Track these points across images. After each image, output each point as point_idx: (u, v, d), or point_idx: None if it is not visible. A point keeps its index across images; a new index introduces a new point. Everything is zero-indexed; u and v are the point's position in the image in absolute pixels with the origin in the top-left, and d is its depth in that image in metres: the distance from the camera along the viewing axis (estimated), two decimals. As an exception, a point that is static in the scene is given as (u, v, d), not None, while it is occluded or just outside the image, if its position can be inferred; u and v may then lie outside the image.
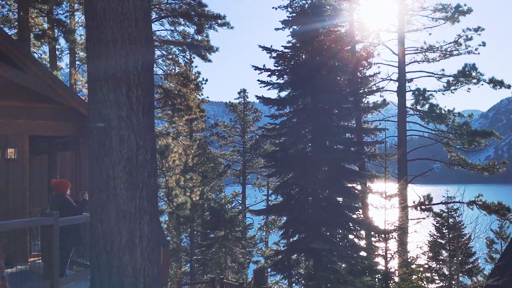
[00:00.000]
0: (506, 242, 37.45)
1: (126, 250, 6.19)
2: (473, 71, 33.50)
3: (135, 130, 6.21)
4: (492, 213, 32.65)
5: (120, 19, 6.14)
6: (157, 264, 6.48)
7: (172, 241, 40.31)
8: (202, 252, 39.86)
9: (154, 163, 6.49)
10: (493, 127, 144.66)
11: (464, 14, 33.77)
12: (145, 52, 6.31)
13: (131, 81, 6.18)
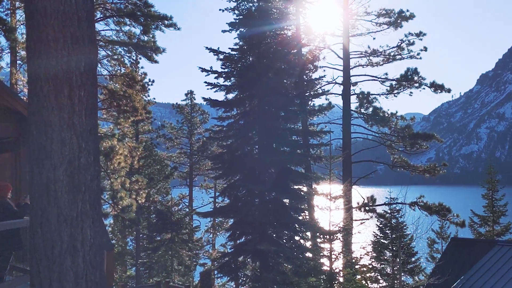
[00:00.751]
0: (447, 242, 38.65)
1: (67, 255, 6.04)
2: (415, 75, 34.42)
3: (77, 132, 6.07)
4: (433, 213, 33.63)
5: (62, 18, 5.99)
6: (100, 269, 6.35)
7: (117, 245, 39.65)
8: (148, 255, 39.39)
9: (97, 166, 6.36)
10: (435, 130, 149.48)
11: (407, 19, 34.67)
12: (88, 52, 6.18)
13: (73, 82, 6.04)
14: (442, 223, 39.99)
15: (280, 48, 30.81)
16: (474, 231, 41.58)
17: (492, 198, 42.10)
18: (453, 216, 33.72)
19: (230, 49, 31.06)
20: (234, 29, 31.66)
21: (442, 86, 34.45)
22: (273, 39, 30.93)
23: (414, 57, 34.72)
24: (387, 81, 35.25)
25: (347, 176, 33.41)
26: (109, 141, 30.43)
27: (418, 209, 33.83)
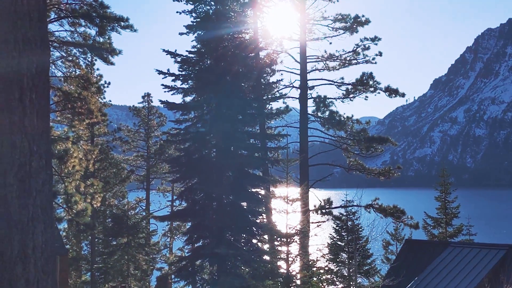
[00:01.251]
0: (401, 243, 39.33)
1: (18, 261, 5.90)
2: (370, 79, 34.99)
3: (29, 135, 5.93)
4: (388, 216, 34.21)
5: (13, 18, 5.85)
6: (52, 275, 6.22)
7: (72, 249, 38.90)
8: (103, 260, 38.77)
9: (49, 170, 6.23)
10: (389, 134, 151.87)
11: (362, 24, 35.21)
12: (40, 54, 6.05)
13: (25, 84, 5.91)
14: (396, 225, 40.67)
15: (238, 51, 30.85)
16: (428, 232, 42.44)
17: (445, 200, 43.07)
18: (407, 218, 34.40)
19: (187, 52, 30.94)
20: (192, 32, 31.52)
21: (397, 90, 35.12)
22: (231, 43, 30.95)
23: (370, 61, 35.29)
24: (343, 85, 35.72)
25: (304, 179, 33.68)
26: (63, 144, 29.81)
27: (374, 211, 34.35)
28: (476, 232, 43.29)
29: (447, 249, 27.85)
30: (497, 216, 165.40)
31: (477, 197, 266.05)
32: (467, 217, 42.37)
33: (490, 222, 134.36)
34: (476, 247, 27.47)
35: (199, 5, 31.59)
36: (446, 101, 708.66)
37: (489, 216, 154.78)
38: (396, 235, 42.39)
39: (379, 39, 35.23)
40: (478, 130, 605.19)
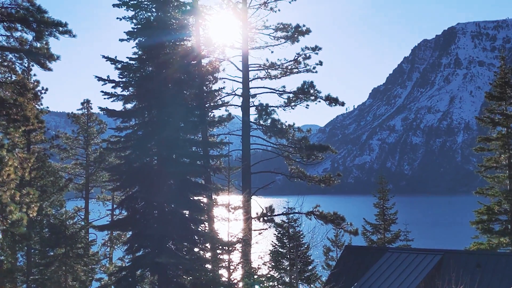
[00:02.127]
0: (341, 249, 40.00)
1: None
2: (311, 88, 35.51)
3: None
4: (329, 222, 34.75)
5: None
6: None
7: (6, 261, 37.50)
8: (40, 271, 37.56)
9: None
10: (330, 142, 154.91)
11: (303, 34, 35.74)
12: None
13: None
14: (337, 231, 41.34)
15: (179, 58, 30.70)
16: (367, 238, 43.36)
17: (383, 207, 44.15)
18: (347, 225, 35.02)
19: (128, 59, 30.52)
20: (132, 38, 31.13)
21: (337, 99, 35.78)
22: (173, 50, 30.77)
23: (310, 70, 35.84)
24: (284, 94, 36.11)
25: (246, 187, 33.78)
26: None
27: (314, 218, 34.80)
28: (413, 237, 44.57)
29: (385, 255, 28.52)
30: (433, 222, 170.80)
31: (414, 204, 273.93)
32: (405, 223, 43.59)
33: (426, 227, 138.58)
34: (413, 253, 28.27)
35: (140, 12, 31.26)
36: (384, 109, 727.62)
37: (426, 222, 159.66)
38: (336, 241, 43.08)
39: (319, 49, 35.84)
40: (415, 138, 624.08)
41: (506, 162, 36.39)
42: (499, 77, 37.30)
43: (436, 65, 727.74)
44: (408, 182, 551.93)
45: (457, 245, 46.01)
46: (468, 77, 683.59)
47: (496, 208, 36.24)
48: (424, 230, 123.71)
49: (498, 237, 35.82)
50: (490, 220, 36.39)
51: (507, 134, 36.51)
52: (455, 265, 25.44)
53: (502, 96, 36.98)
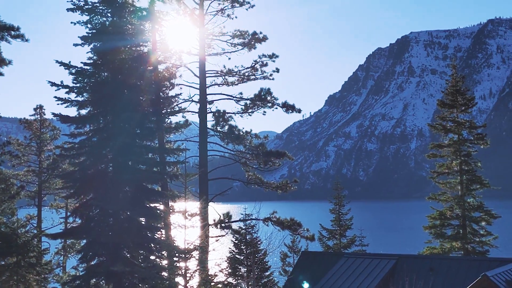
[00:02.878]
0: (298, 255, 40.24)
1: None
2: (268, 95, 35.67)
3: None
4: (285, 228, 34.91)
5: None
6: None
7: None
8: (-11, 283, 36.44)
9: None
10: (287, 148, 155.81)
11: (260, 41, 35.91)
12: None
13: None
14: (293, 237, 41.59)
15: (135, 64, 30.35)
16: (323, 244, 43.83)
17: (339, 213, 44.74)
18: (304, 231, 35.25)
19: (82, 64, 29.97)
20: (87, 43, 30.60)
21: (293, 106, 36.05)
22: (129, 55, 30.40)
23: (267, 77, 36.02)
24: (242, 100, 36.15)
25: (204, 194, 33.63)
26: None
27: (272, 225, 34.91)
28: (368, 242, 45.31)
29: (341, 260, 28.85)
30: (388, 227, 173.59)
31: (369, 209, 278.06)
32: (360, 228, 44.26)
33: (381, 233, 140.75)
34: (368, 258, 28.69)
35: (95, 16, 30.78)
36: (340, 116, 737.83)
37: (380, 227, 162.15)
38: (293, 247, 43.34)
39: (276, 56, 36.08)
40: (369, 144, 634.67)
41: (458, 168, 37.38)
42: (451, 85, 38.34)
43: (390, 73, 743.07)
44: (363, 188, 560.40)
45: (411, 249, 47.02)
46: (421, 85, 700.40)
47: (448, 213, 37.15)
48: (379, 235, 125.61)
49: (450, 242, 36.70)
50: (443, 225, 37.27)
51: (459, 141, 37.53)
52: (409, 270, 25.93)
53: (453, 104, 38.00)
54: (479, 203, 37.05)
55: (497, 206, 44.75)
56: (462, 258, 32.73)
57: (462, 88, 38.38)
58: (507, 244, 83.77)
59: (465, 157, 37.35)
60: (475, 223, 36.93)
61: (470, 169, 37.40)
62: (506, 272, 22.44)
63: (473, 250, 36.33)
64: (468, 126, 37.95)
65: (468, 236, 36.53)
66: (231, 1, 35.37)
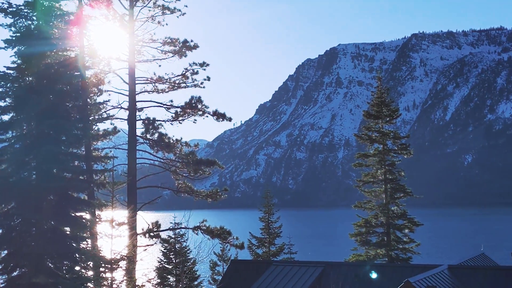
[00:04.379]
0: (227, 264, 40.21)
1: None
2: (199, 103, 35.55)
3: None
4: (215, 237, 34.80)
5: None
6: None
7: None
8: None
9: None
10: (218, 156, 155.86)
11: (191, 49, 35.78)
12: None
13: None
14: (223, 245, 41.50)
15: (62, 69, 29.55)
16: (252, 252, 44.00)
17: (268, 221, 45.07)
18: (233, 239, 35.27)
19: (5, 68, 28.89)
20: (11, 47, 29.54)
21: (224, 114, 36.12)
22: (55, 60, 29.56)
23: (198, 86, 35.89)
24: (172, 108, 35.82)
25: (132, 202, 33.02)
26: None
27: (201, 233, 34.74)
28: (296, 250, 45.87)
29: (270, 268, 29.08)
30: (316, 234, 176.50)
31: (298, 217, 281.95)
32: (289, 236, 44.79)
33: (309, 240, 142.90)
34: (296, 265, 29.08)
35: (19, 19, 29.75)
36: (270, 125, 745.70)
37: (309, 235, 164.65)
38: (222, 255, 43.25)
39: (207, 65, 36.03)
40: (299, 153, 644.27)
41: (382, 177, 38.56)
42: (376, 96, 39.58)
43: (319, 83, 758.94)
44: (293, 196, 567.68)
45: (338, 257, 47.92)
46: (348, 96, 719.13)
47: (373, 221, 38.23)
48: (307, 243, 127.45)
49: (375, 249, 37.75)
50: (368, 233, 38.29)
51: (383, 151, 38.74)
52: (335, 277, 26.47)
53: (378, 115, 39.22)
54: (402, 211, 38.34)
55: (420, 214, 46.46)
56: (386, 264, 33.74)
57: (387, 99, 39.69)
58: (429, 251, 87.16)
59: (390, 167, 38.58)
60: (399, 230, 38.17)
61: (394, 178, 38.67)
62: (427, 278, 23.31)
63: (397, 257, 37.50)
64: (392, 137, 39.24)
65: (392, 243, 37.68)
66: (161, 8, 35.07)
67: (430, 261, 40.82)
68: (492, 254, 35.82)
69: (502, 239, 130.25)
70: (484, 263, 29.48)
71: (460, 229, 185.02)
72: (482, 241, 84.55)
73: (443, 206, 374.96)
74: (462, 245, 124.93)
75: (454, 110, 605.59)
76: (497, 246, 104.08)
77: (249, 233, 45.42)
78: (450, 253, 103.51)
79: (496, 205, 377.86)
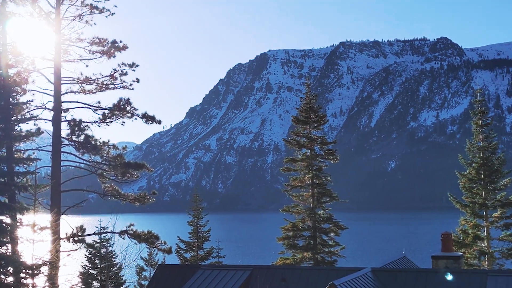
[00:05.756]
0: (155, 268, 39.75)
1: None
2: (127, 105, 34.94)
3: None
4: (142, 241, 34.29)
5: None
6: None
7: None
8: None
9: None
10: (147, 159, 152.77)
11: (120, 50, 35.13)
12: None
13: None
14: (150, 250, 41.03)
15: (-18, 67, 28.29)
16: (180, 256, 43.71)
17: (197, 225, 44.93)
18: (161, 243, 34.85)
19: None
20: None
21: (153, 117, 35.69)
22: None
23: (127, 87, 35.29)
24: (100, 110, 35.02)
25: (56, 206, 32.00)
26: None
27: (128, 238, 34.14)
28: (225, 254, 45.96)
29: (197, 272, 28.96)
30: (244, 238, 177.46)
31: (226, 221, 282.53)
32: (217, 240, 44.81)
33: (237, 244, 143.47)
34: (224, 269, 29.11)
35: None
36: (200, 129, 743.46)
37: (237, 239, 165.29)
38: (150, 260, 42.78)
39: (136, 66, 35.49)
40: (228, 157, 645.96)
41: (310, 182, 39.28)
42: (305, 102, 40.32)
43: (249, 88, 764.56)
44: (222, 200, 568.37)
45: (265, 260, 48.44)
46: (278, 101, 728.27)
47: (301, 224, 38.86)
48: (236, 247, 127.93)
49: (302, 252, 38.37)
50: (295, 236, 38.88)
51: (311, 156, 39.49)
52: (263, 280, 26.71)
53: (307, 121, 39.96)
54: (328, 215, 39.20)
55: (345, 218, 47.71)
56: (312, 268, 34.38)
57: (315, 106, 40.50)
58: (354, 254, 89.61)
59: (317, 171, 39.35)
60: (325, 234, 39.00)
61: (321, 182, 39.48)
62: (352, 280, 23.95)
63: (323, 260, 38.29)
64: (320, 142, 40.05)
65: (318, 246, 38.43)
66: (90, 7, 34.28)
67: (355, 264, 41.90)
68: (413, 257, 37.29)
69: (422, 243, 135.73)
70: (405, 266, 30.57)
71: (383, 233, 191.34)
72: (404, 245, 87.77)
73: (367, 210, 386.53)
74: (385, 248, 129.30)
75: (379, 117, 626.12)
76: (418, 249, 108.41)
77: (177, 237, 45.10)
78: (374, 256, 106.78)
79: (417, 209, 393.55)
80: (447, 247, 28.30)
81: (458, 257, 27.89)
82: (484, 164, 38.19)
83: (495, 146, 39.11)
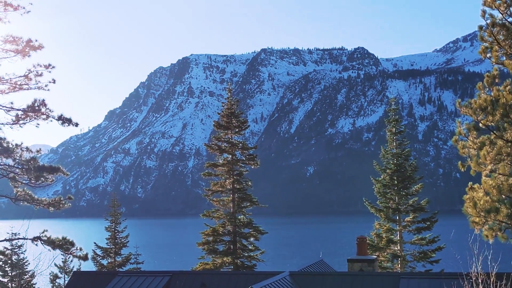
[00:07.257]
0: (70, 276, 38.54)
1: None
2: (42, 107, 33.68)
3: None
4: (57, 248, 33.10)
5: None
6: None
7: None
8: None
9: None
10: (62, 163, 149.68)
11: (35, 49, 33.84)
12: None
13: None
14: (65, 257, 39.76)
15: None
16: (97, 263, 42.62)
17: (115, 230, 43.98)
18: (77, 250, 33.79)
19: None
20: None
21: (70, 119, 34.58)
22: None
23: (42, 88, 34.02)
24: (12, 111, 33.60)
25: (-37, 211, 30.42)
26: None
27: (41, 244, 32.91)
28: (143, 260, 45.30)
29: (114, 279, 28.37)
30: (164, 243, 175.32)
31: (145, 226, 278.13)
32: (135, 246, 44.07)
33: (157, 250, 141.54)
34: (142, 275, 28.69)
35: None
36: (119, 132, 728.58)
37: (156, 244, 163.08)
38: (64, 267, 41.46)
39: (53, 67, 34.29)
40: (149, 162, 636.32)
41: (231, 187, 39.43)
42: (226, 107, 40.48)
43: (171, 92, 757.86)
44: (141, 205, 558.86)
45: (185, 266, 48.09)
46: (200, 106, 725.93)
47: (221, 229, 38.91)
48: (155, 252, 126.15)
49: (221, 257, 38.42)
50: (215, 241, 38.88)
51: (232, 161, 39.67)
52: (182, 285, 26.54)
53: (228, 126, 40.13)
54: (248, 219, 39.49)
55: (265, 222, 48.24)
56: (232, 272, 34.47)
57: (236, 111, 40.75)
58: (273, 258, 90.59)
59: (238, 176, 39.58)
60: (245, 238, 39.25)
61: (241, 187, 39.72)
62: (270, 284, 24.21)
63: (242, 265, 38.50)
64: (241, 147, 40.32)
65: (238, 251, 38.62)
66: (4, 4, 32.77)
67: (274, 268, 42.45)
68: (330, 261, 38.22)
69: (339, 246, 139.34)
70: (322, 269, 31.27)
71: (301, 237, 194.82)
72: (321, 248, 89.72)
73: (286, 215, 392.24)
74: (303, 252, 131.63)
75: (298, 123, 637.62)
76: (334, 253, 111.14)
77: (94, 243, 43.97)
78: (292, 260, 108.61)
79: (334, 213, 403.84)
80: (362, 250, 29.16)
81: (372, 260, 28.81)
82: (398, 171, 39.78)
83: (408, 153, 40.79)
